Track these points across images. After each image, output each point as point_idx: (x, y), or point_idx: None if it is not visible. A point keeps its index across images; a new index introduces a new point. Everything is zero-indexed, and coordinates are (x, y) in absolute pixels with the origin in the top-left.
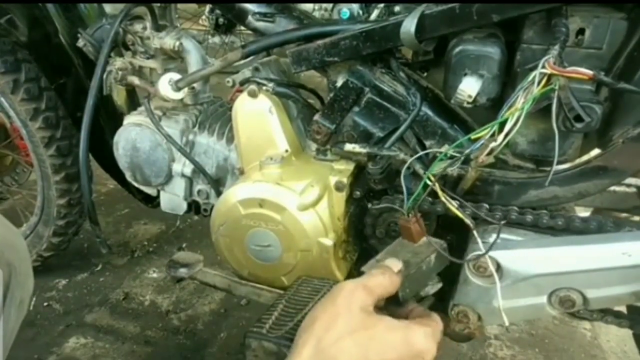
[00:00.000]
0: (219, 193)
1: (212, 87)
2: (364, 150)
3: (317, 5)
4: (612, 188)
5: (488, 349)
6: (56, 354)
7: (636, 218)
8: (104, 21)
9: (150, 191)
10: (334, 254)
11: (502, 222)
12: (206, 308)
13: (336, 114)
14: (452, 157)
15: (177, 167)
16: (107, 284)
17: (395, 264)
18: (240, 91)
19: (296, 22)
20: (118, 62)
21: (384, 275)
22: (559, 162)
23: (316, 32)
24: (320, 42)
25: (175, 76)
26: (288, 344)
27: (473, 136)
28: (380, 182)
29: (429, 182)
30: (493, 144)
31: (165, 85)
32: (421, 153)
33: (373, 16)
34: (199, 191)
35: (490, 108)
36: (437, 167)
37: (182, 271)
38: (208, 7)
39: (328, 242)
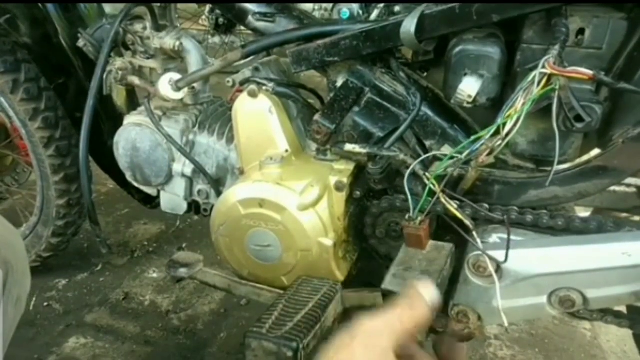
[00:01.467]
0: (219, 193)
1: (212, 87)
2: (364, 151)
3: (317, 5)
4: (612, 188)
5: (488, 349)
6: (56, 354)
7: (636, 218)
8: (104, 21)
9: (151, 191)
10: (334, 254)
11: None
12: (206, 308)
13: (336, 114)
14: (452, 157)
15: (177, 167)
16: (107, 284)
17: (429, 292)
18: (240, 91)
19: (296, 22)
20: (118, 62)
21: (412, 312)
22: (559, 162)
23: (316, 32)
24: (320, 42)
25: (175, 76)
26: (288, 344)
27: (474, 138)
28: (380, 182)
29: (433, 187)
30: (493, 144)
31: (165, 85)
32: (424, 157)
33: (373, 16)
34: (199, 191)
35: (490, 108)
36: (439, 169)
37: (182, 271)
38: (208, 7)
39: (328, 242)
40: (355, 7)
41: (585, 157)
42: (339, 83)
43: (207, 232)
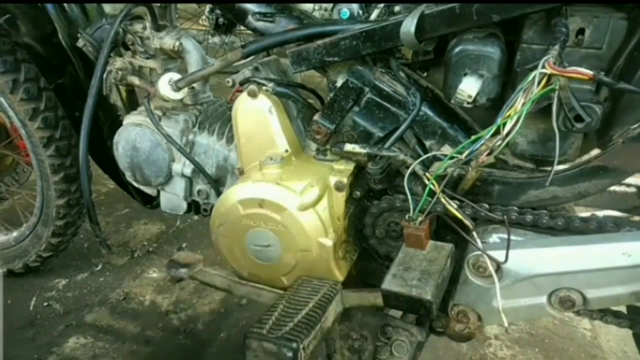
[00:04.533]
0: (219, 193)
1: (212, 87)
2: (363, 151)
3: (317, 5)
4: (612, 188)
5: (488, 349)
6: (56, 354)
7: (636, 218)
8: (104, 21)
9: (150, 191)
10: (334, 254)
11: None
12: (206, 308)
13: (336, 114)
14: (452, 157)
15: (177, 167)
16: (107, 284)
17: None
18: (240, 91)
19: (296, 22)
20: (118, 62)
21: None
22: (559, 162)
23: (316, 32)
24: (320, 42)
25: (175, 76)
26: (288, 345)
27: (474, 138)
28: (380, 182)
29: (433, 187)
30: (493, 144)
31: (165, 85)
32: (424, 157)
33: (373, 16)
34: (199, 191)
35: (490, 108)
36: (439, 170)
37: (182, 271)
38: (208, 7)
39: (328, 242)
40: (355, 7)
41: (585, 157)
42: (339, 83)
43: (207, 232)
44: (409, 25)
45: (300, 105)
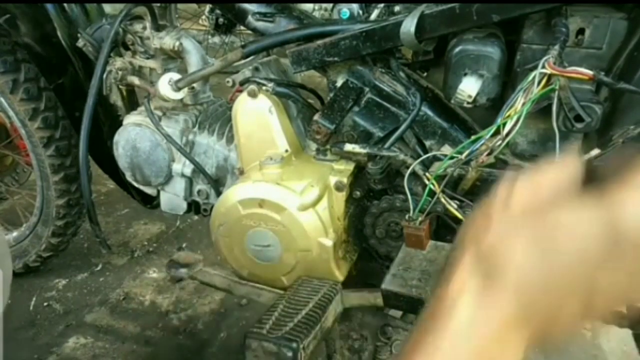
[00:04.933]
0: (219, 193)
1: (212, 87)
2: (363, 151)
3: (317, 5)
4: None
5: None
6: (56, 354)
7: None
8: (104, 21)
9: (150, 191)
10: (334, 254)
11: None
12: (206, 308)
13: (336, 114)
14: (452, 157)
15: (177, 167)
16: (107, 284)
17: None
18: (240, 91)
19: (296, 22)
20: (118, 62)
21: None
22: None
23: (316, 32)
24: (320, 42)
25: (175, 76)
26: (288, 345)
27: (474, 138)
28: (380, 182)
29: (433, 188)
30: (493, 144)
31: (165, 85)
32: (424, 157)
33: (373, 16)
34: (199, 191)
35: (490, 108)
36: (439, 170)
37: (182, 271)
38: (208, 7)
39: (328, 242)
40: (355, 7)
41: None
42: (339, 83)
43: (207, 232)
44: (409, 25)
45: (300, 105)
